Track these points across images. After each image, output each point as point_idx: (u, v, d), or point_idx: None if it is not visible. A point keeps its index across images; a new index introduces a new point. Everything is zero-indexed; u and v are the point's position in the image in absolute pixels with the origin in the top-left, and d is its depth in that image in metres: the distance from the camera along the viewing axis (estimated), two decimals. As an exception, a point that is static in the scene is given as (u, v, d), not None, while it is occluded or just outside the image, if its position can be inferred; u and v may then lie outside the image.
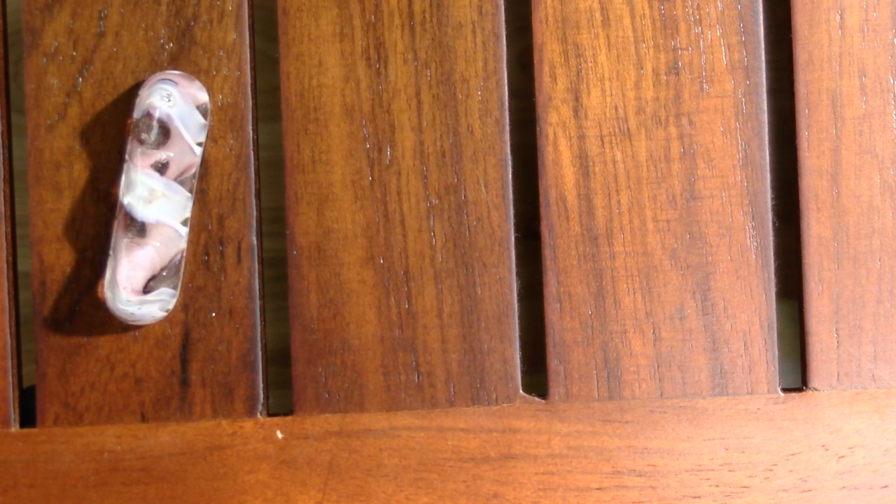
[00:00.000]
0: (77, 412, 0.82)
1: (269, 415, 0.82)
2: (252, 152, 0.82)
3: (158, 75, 0.81)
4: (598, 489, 0.81)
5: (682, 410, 0.82)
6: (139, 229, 0.80)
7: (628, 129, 0.82)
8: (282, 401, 0.85)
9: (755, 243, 0.82)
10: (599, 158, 0.82)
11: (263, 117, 0.85)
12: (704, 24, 0.82)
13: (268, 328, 0.83)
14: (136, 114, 0.80)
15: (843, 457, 0.81)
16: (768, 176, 0.82)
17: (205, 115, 0.81)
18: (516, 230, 0.82)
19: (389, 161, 0.82)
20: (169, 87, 0.80)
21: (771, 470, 0.81)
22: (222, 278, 0.82)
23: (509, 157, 0.82)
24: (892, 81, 0.82)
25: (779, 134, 0.84)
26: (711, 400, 0.82)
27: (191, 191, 0.81)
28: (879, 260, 0.82)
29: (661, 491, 0.81)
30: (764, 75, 0.82)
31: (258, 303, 0.82)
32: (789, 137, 0.82)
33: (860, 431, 0.82)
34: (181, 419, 0.82)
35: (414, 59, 0.82)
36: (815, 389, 0.82)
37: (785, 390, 0.82)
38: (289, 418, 0.82)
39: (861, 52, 0.82)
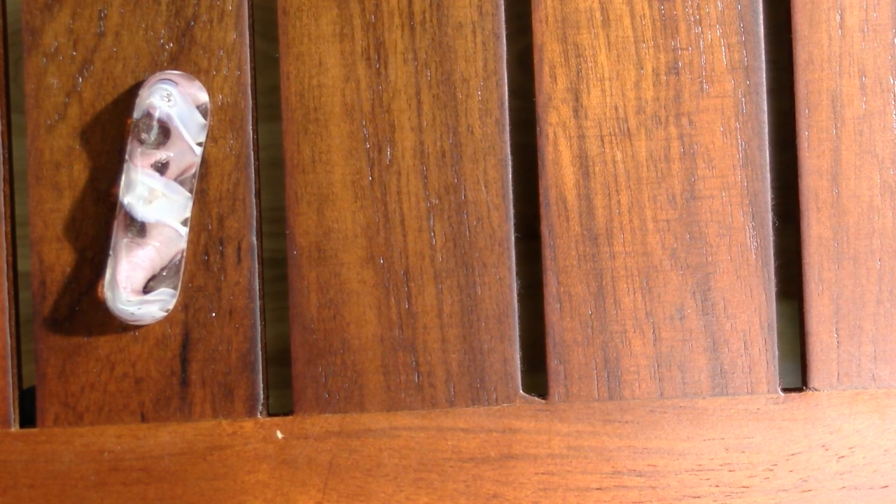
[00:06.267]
0: (77, 412, 0.82)
1: (269, 415, 0.82)
2: (252, 152, 0.82)
3: (158, 75, 0.81)
4: (598, 489, 0.81)
5: (682, 410, 0.82)
6: (139, 229, 0.80)
7: (628, 129, 0.82)
8: (282, 401, 0.85)
9: (755, 243, 0.82)
10: (599, 158, 0.82)
11: (263, 117, 0.85)
12: (704, 24, 0.82)
13: (268, 328, 0.83)
14: (136, 114, 0.80)
15: (843, 457, 0.81)
16: (768, 176, 0.82)
17: (205, 115, 0.81)
18: (516, 230, 0.82)
19: (389, 161, 0.82)
20: (169, 87, 0.80)
21: (771, 470, 0.81)
22: (222, 278, 0.82)
23: (509, 157, 0.82)
24: (892, 81, 0.82)
25: (779, 134, 0.84)
26: (711, 400, 0.82)
27: (191, 191, 0.81)
28: (879, 260, 0.82)
29: (661, 491, 0.81)
30: (764, 75, 0.82)
31: (258, 303, 0.82)
32: (789, 137, 0.82)
33: (860, 431, 0.82)
34: (181, 419, 0.82)
35: (414, 59, 0.82)
36: (815, 389, 0.82)
37: (785, 390, 0.82)
38: (289, 418, 0.82)
39: (861, 52, 0.82)
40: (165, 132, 0.80)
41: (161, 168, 0.80)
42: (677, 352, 0.82)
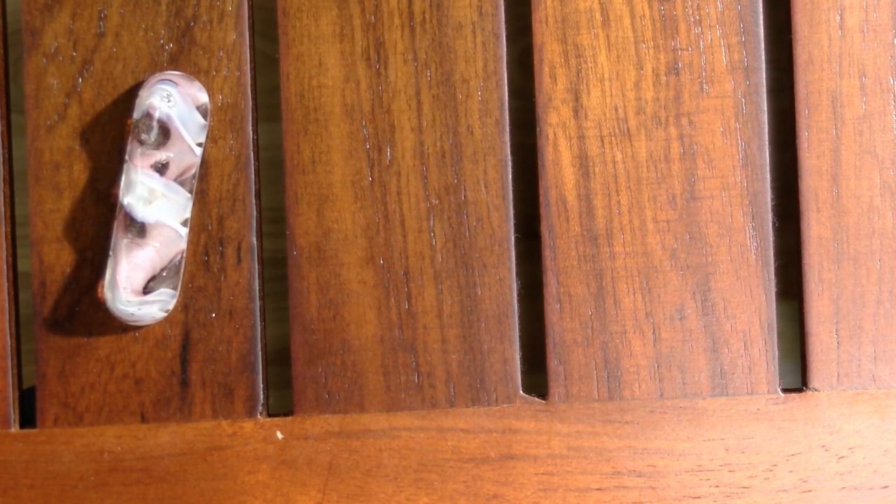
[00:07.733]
0: (77, 412, 0.82)
1: (269, 415, 0.82)
2: (252, 152, 0.82)
3: (158, 76, 0.81)
4: (598, 489, 0.82)
5: (682, 411, 0.82)
6: (139, 229, 0.80)
7: (628, 129, 0.82)
8: (282, 401, 0.85)
9: (755, 243, 0.82)
10: (599, 159, 0.82)
11: (263, 117, 0.85)
12: (704, 24, 0.82)
13: (268, 328, 0.83)
14: (136, 114, 0.80)
15: (843, 457, 0.82)
16: (768, 176, 0.82)
17: (205, 116, 0.81)
18: (516, 230, 0.82)
19: (389, 161, 0.82)
20: (169, 88, 0.80)
21: (771, 470, 0.82)
22: (222, 278, 0.82)
23: (509, 157, 0.82)
24: (892, 81, 0.82)
25: (779, 134, 0.84)
26: (711, 400, 0.82)
27: (191, 191, 0.81)
28: (879, 260, 0.82)
29: (661, 491, 0.82)
30: (764, 75, 0.82)
31: (258, 303, 0.82)
32: (789, 137, 0.82)
33: (860, 432, 0.82)
34: (181, 419, 0.82)
35: (414, 60, 0.82)
36: (815, 390, 0.82)
37: (785, 390, 0.82)
38: (289, 418, 0.82)
39: (861, 52, 0.82)
40: (165, 133, 0.80)
41: (161, 168, 0.80)
42: (677, 352, 0.82)
